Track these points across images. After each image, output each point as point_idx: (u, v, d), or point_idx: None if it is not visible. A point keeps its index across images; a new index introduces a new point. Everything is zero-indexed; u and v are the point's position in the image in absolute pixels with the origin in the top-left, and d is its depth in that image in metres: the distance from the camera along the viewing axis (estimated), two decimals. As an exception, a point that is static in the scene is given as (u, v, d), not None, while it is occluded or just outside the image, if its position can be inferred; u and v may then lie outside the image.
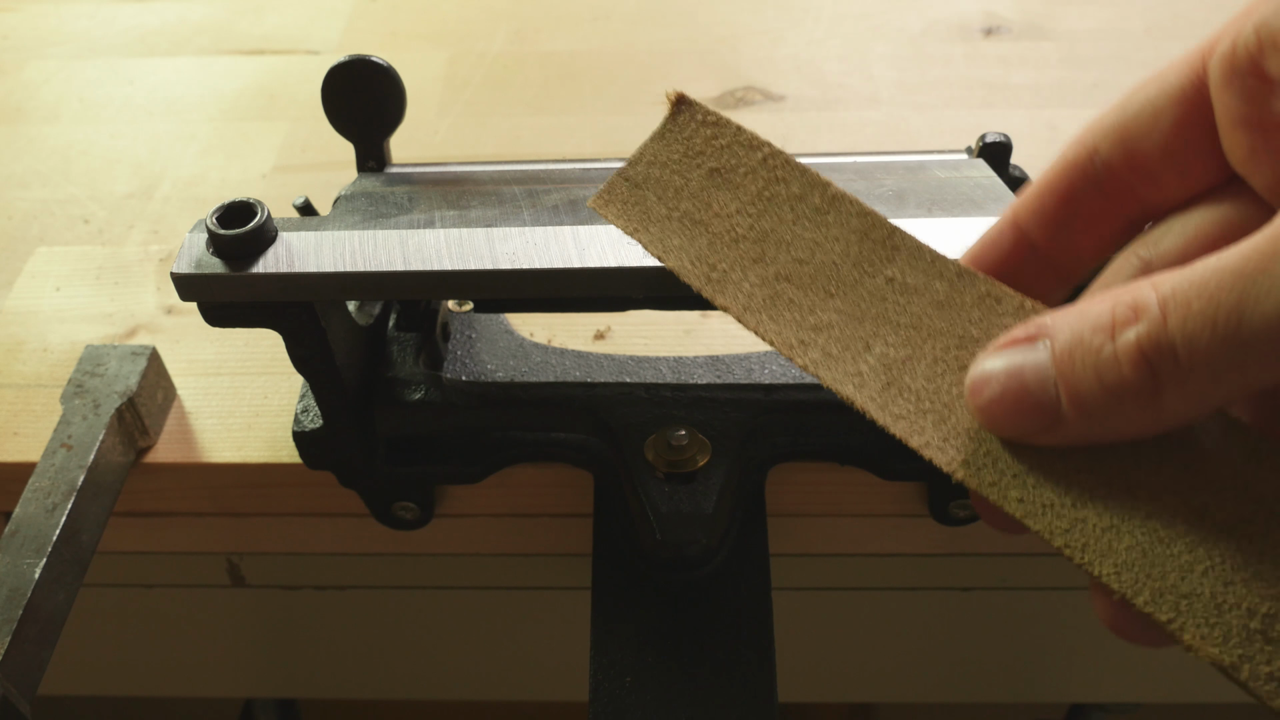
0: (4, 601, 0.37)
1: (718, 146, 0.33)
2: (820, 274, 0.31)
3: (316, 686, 0.66)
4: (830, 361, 0.30)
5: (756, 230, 0.32)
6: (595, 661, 0.41)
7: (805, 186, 0.32)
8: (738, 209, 0.33)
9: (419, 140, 0.64)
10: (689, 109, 0.34)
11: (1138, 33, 0.69)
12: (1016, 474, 0.28)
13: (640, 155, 0.34)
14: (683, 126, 0.34)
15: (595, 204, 0.34)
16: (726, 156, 0.33)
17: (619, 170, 0.34)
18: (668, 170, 0.33)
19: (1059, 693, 0.65)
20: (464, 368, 0.46)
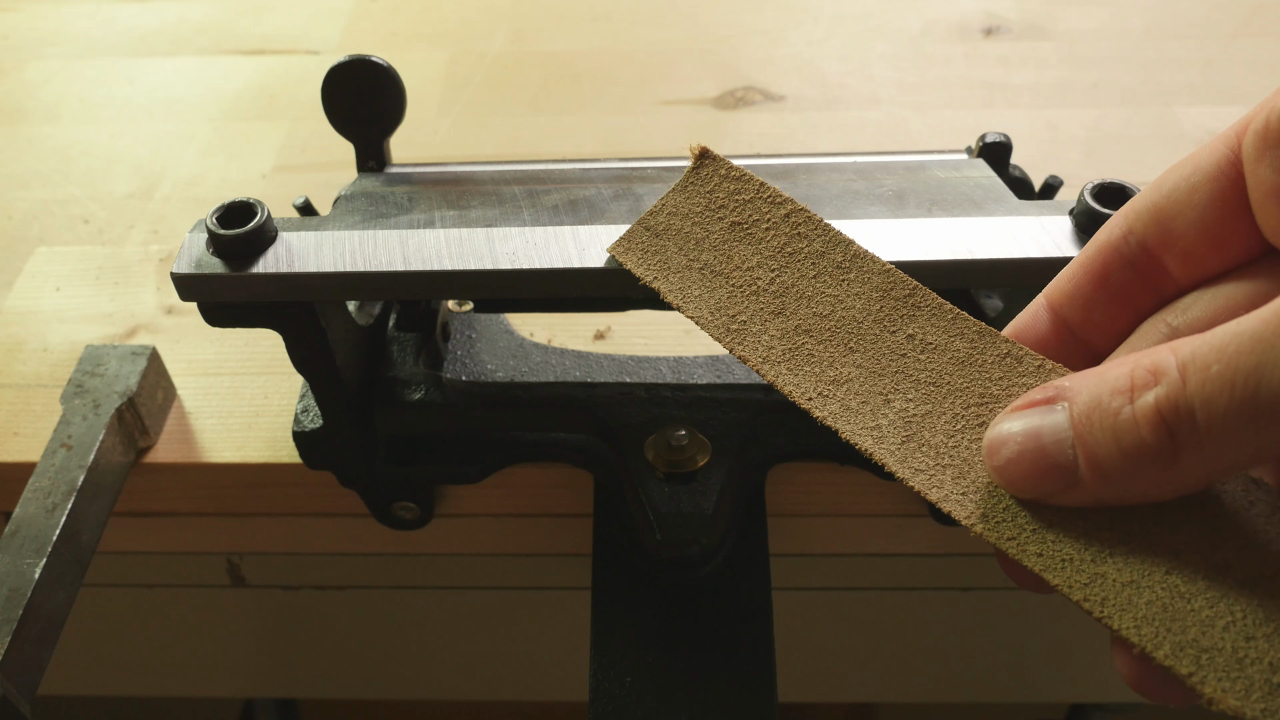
0: (4, 601, 0.37)
1: (740, 201, 0.34)
2: (840, 329, 0.32)
3: (316, 686, 0.66)
4: (849, 414, 0.30)
5: (777, 284, 0.33)
6: (595, 661, 0.41)
7: (827, 244, 0.33)
8: (759, 262, 0.33)
9: (419, 140, 0.64)
10: (712, 163, 0.35)
11: (1138, 33, 0.69)
12: (1035, 529, 0.28)
13: (662, 206, 0.35)
14: (705, 179, 0.35)
15: (615, 250, 0.34)
16: (749, 211, 0.34)
17: (640, 219, 0.35)
18: (689, 221, 0.34)
19: (1059, 693, 0.65)
20: (464, 368, 0.46)
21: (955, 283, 0.36)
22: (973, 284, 0.41)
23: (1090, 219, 0.35)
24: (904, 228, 0.36)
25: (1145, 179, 0.62)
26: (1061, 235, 0.35)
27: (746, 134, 0.63)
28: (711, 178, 0.35)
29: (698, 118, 0.65)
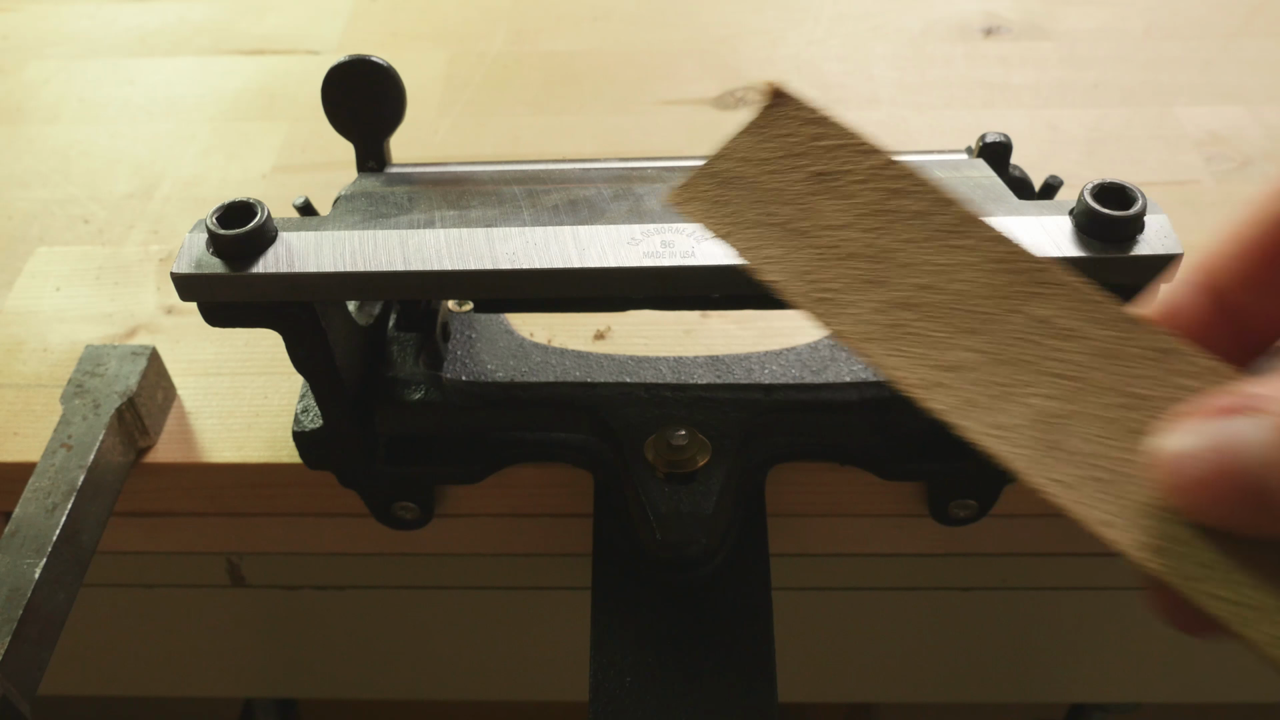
0: (4, 601, 0.37)
1: (822, 148, 0.30)
2: (953, 305, 0.27)
3: (316, 686, 0.66)
4: (971, 409, 0.26)
5: (872, 248, 0.28)
6: (595, 661, 0.41)
7: (932, 203, 0.29)
8: (848, 221, 0.29)
9: (419, 140, 0.64)
10: (786, 103, 0.30)
11: (1138, 33, 0.69)
12: (1218, 567, 0.24)
13: (728, 150, 0.31)
14: (778, 122, 0.30)
15: (674, 200, 0.30)
16: (834, 160, 0.30)
17: (702, 165, 0.31)
18: (762, 170, 0.30)
19: (1059, 693, 0.65)
20: (464, 368, 0.46)
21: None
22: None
23: (1090, 219, 0.35)
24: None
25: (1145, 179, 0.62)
26: (1061, 235, 0.35)
27: (746, 134, 0.63)
28: (786, 120, 0.30)
29: (698, 118, 0.65)
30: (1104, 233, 0.34)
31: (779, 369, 0.45)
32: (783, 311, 0.51)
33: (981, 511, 0.47)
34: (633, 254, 0.35)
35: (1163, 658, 0.61)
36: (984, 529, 0.48)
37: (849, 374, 0.45)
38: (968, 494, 0.46)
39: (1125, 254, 0.34)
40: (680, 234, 0.36)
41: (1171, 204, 0.57)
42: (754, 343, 0.50)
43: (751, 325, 0.51)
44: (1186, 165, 0.60)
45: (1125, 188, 0.35)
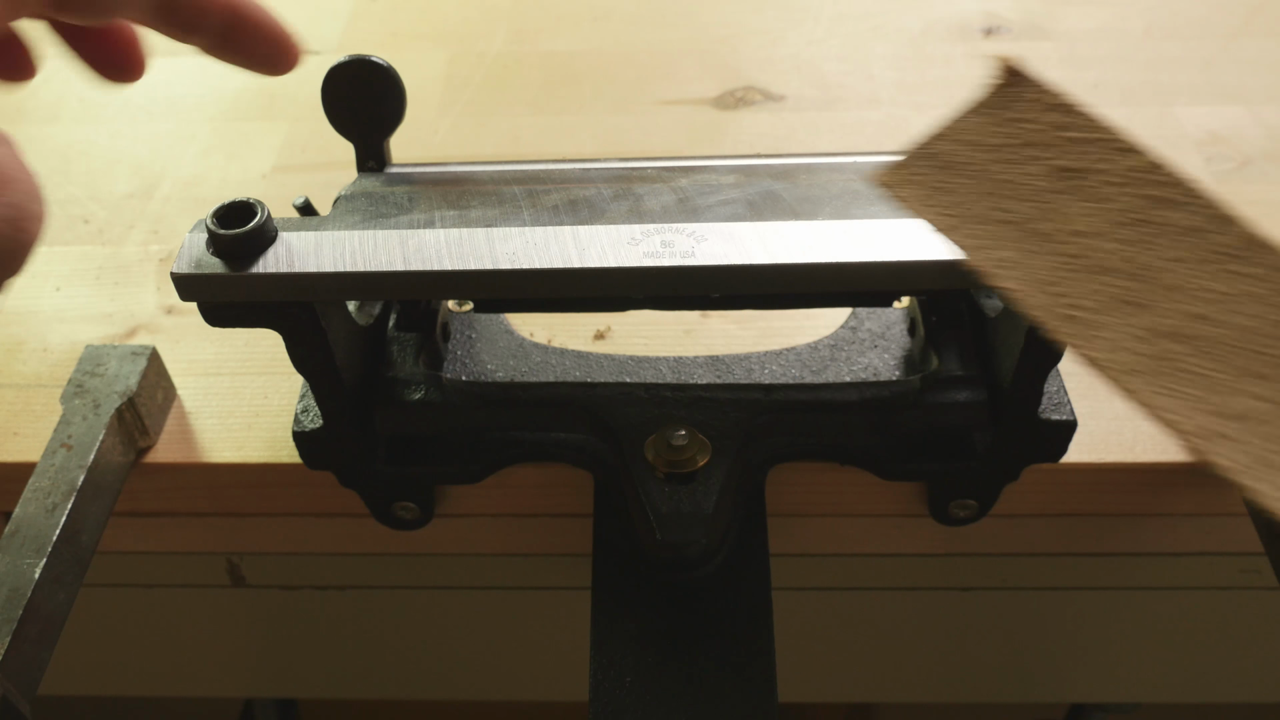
0: (4, 601, 0.37)
1: (1067, 140, 0.27)
2: (1235, 342, 0.24)
3: (316, 686, 0.66)
4: (1264, 470, 0.22)
5: (1131, 264, 0.25)
6: (595, 661, 0.41)
7: (1208, 219, 0.25)
8: (1100, 229, 0.25)
9: (419, 140, 0.64)
10: (1023, 84, 0.27)
11: (1138, 33, 0.69)
12: None
13: (950, 130, 0.27)
14: (1014, 104, 0.27)
15: (887, 180, 0.27)
16: (1083, 155, 0.26)
17: (920, 146, 0.27)
18: (994, 157, 0.26)
19: (1059, 693, 0.65)
20: (464, 368, 0.46)
21: (955, 284, 0.36)
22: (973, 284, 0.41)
23: (1090, 219, 0.35)
24: (904, 228, 0.36)
25: (1145, 179, 0.62)
26: (1061, 235, 0.35)
27: (746, 134, 0.63)
28: (1023, 104, 0.27)
29: (698, 118, 0.65)
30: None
31: (779, 369, 0.45)
32: (783, 311, 0.52)
33: (981, 511, 0.47)
34: (633, 254, 0.35)
35: (1163, 658, 0.61)
36: (984, 529, 0.48)
37: (849, 374, 0.45)
38: (968, 494, 0.46)
39: (1125, 254, 0.34)
40: (680, 234, 0.36)
41: (1171, 204, 0.57)
42: (754, 343, 0.50)
43: (751, 325, 0.51)
44: (1186, 165, 0.60)
45: (1125, 188, 0.35)
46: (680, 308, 0.49)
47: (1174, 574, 0.53)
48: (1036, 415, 0.42)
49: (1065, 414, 0.42)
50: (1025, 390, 0.40)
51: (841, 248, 0.35)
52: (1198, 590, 0.54)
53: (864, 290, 0.42)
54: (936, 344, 0.44)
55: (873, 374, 0.45)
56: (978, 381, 0.43)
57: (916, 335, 0.46)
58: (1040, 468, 0.45)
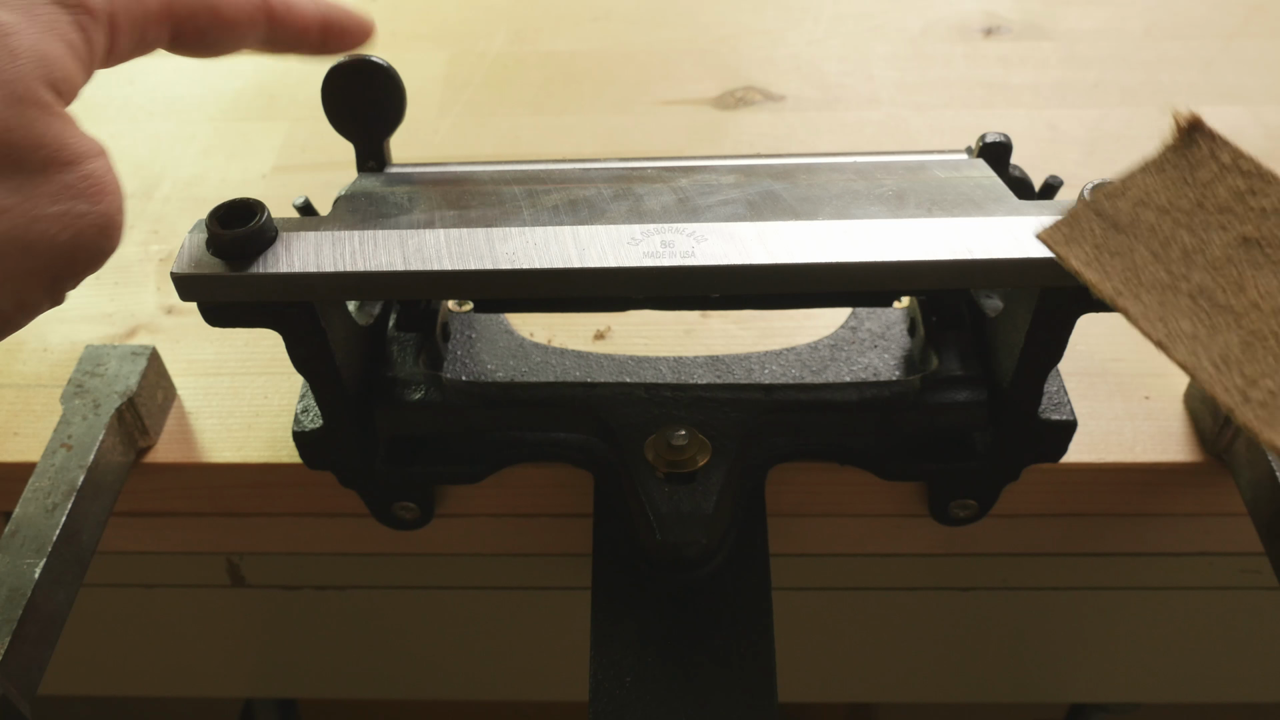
0: (4, 601, 0.37)
1: (1256, 208, 0.25)
2: None
3: (316, 686, 0.66)
4: None
5: None
6: (595, 661, 0.41)
7: None
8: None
9: (419, 140, 0.64)
10: (1208, 141, 0.26)
11: (1138, 33, 0.69)
12: None
13: (1125, 187, 0.26)
14: (1196, 163, 0.25)
15: (1050, 238, 0.26)
16: (1273, 226, 0.24)
17: (1087, 201, 0.26)
18: (1169, 219, 0.25)
19: (1059, 693, 0.65)
20: (464, 368, 0.46)
21: (955, 283, 0.36)
22: (973, 284, 0.41)
23: (1090, 219, 0.35)
24: (904, 228, 0.36)
25: (1145, 179, 0.62)
26: (1061, 235, 0.35)
27: (746, 134, 0.63)
28: (1206, 163, 0.25)
29: (698, 118, 0.65)
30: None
31: (779, 369, 0.45)
32: (783, 311, 0.52)
33: (981, 511, 0.47)
34: (633, 254, 0.35)
35: (1163, 658, 0.61)
36: (984, 529, 0.48)
37: (849, 374, 0.45)
38: (968, 494, 0.46)
39: (1125, 254, 0.34)
40: (680, 234, 0.36)
41: (1171, 204, 0.57)
42: (754, 343, 0.50)
43: (751, 325, 0.51)
44: (1186, 165, 0.60)
45: (1125, 188, 0.35)
46: (680, 308, 0.49)
47: (1174, 574, 0.53)
48: (1036, 415, 0.42)
49: (1065, 414, 0.42)
50: (1025, 390, 0.40)
51: (841, 248, 0.35)
52: (1198, 590, 0.54)
53: (864, 290, 0.42)
54: (936, 344, 0.44)
55: (873, 374, 0.45)
56: (978, 381, 0.43)
57: (916, 335, 0.46)
58: (1040, 468, 0.45)
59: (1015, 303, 0.40)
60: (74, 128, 0.31)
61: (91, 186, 0.30)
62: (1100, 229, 0.25)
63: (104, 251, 0.31)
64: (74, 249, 0.30)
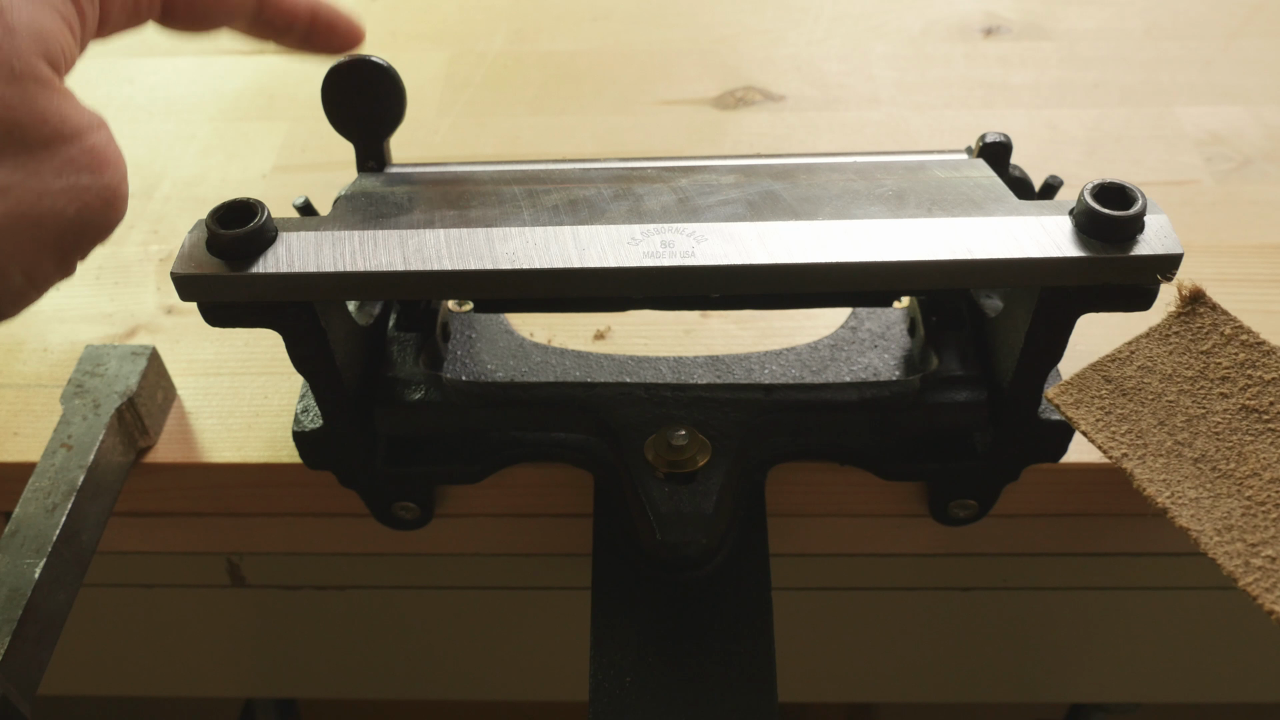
0: (4, 601, 0.37)
1: (1256, 379, 0.25)
2: None
3: (316, 686, 0.66)
4: None
5: None
6: (595, 661, 0.41)
7: None
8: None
9: (419, 140, 0.64)
10: (1210, 313, 0.27)
11: (1138, 33, 0.69)
12: None
13: (1130, 354, 0.27)
14: (1197, 333, 0.26)
15: (1058, 398, 0.27)
16: (1271, 397, 0.25)
17: (1095, 365, 0.27)
18: (1173, 386, 0.26)
19: (1059, 693, 0.65)
20: (464, 368, 0.46)
21: (955, 283, 0.36)
22: (973, 284, 0.41)
23: (1090, 219, 0.35)
24: (904, 228, 0.36)
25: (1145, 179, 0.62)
26: (1061, 235, 0.35)
27: (746, 134, 0.63)
28: (1208, 334, 0.26)
29: (698, 118, 0.65)
30: (1104, 233, 0.34)
31: (779, 369, 0.45)
32: (783, 311, 0.52)
33: (981, 511, 0.47)
34: (633, 254, 0.35)
35: (1163, 658, 0.61)
36: (984, 529, 0.48)
37: (849, 374, 0.45)
38: (968, 494, 0.46)
39: (1125, 254, 0.34)
40: (680, 234, 0.36)
41: (1171, 204, 0.57)
42: (754, 343, 0.50)
43: (751, 325, 0.51)
44: (1186, 165, 0.60)
45: (1125, 188, 0.35)
46: (680, 308, 0.49)
47: (1174, 574, 0.53)
48: (1036, 415, 0.42)
49: (1065, 414, 0.42)
50: (1025, 390, 0.40)
51: (841, 248, 0.35)
52: (1198, 590, 0.54)
53: (864, 290, 0.42)
54: (936, 344, 0.44)
55: (873, 374, 0.45)
56: (978, 381, 0.43)
57: (916, 335, 0.46)
58: (1040, 468, 0.45)
59: (1015, 303, 0.40)
60: (73, 101, 0.31)
61: (95, 159, 0.30)
62: (1107, 393, 0.27)
63: (110, 222, 0.31)
64: (81, 222, 0.30)
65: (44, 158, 0.29)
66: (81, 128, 0.30)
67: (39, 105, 0.29)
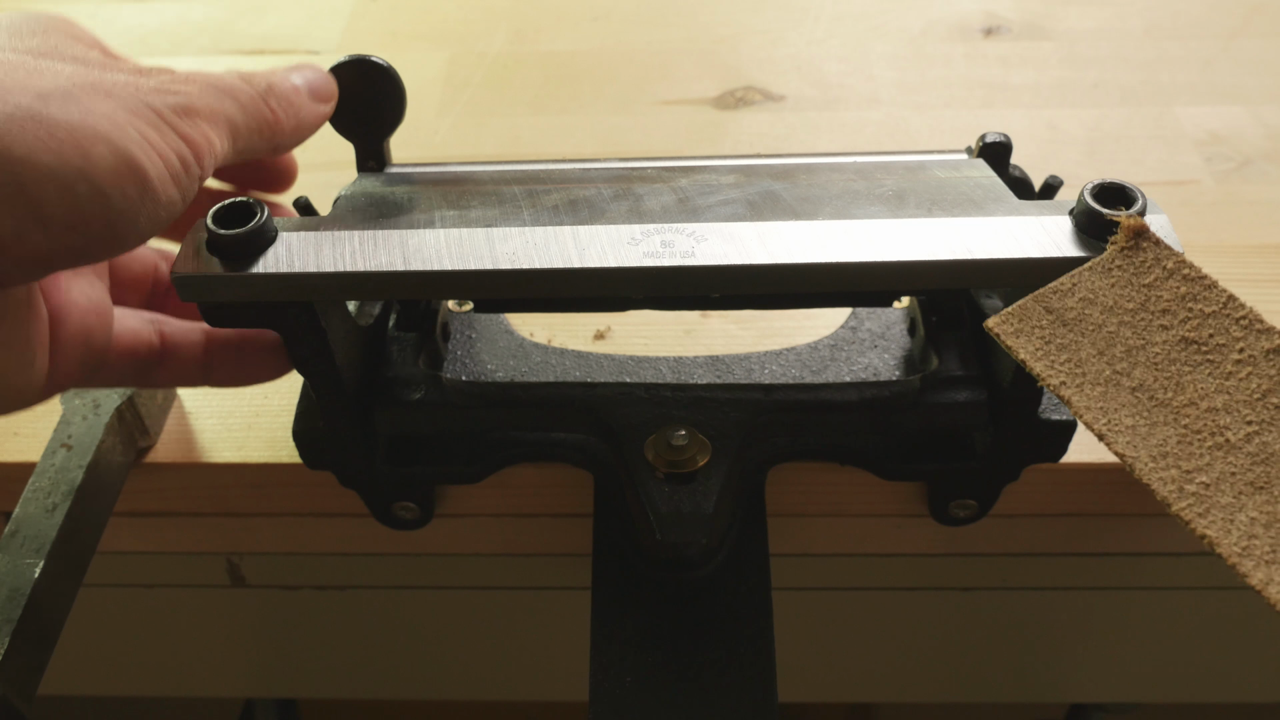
0: (4, 601, 0.37)
1: (1196, 312, 0.26)
2: None
3: (316, 686, 0.66)
4: None
5: (1257, 444, 0.24)
6: (595, 661, 0.41)
7: None
8: (1227, 405, 0.25)
9: (419, 140, 0.64)
10: (1153, 249, 0.27)
11: (1138, 33, 0.69)
12: None
13: (1071, 285, 0.28)
14: (1141, 268, 0.27)
15: (998, 327, 0.27)
16: (1211, 329, 0.26)
17: (1036, 294, 0.28)
18: (1113, 318, 0.27)
19: (1059, 693, 0.65)
20: (464, 368, 0.46)
21: (955, 283, 0.36)
22: (973, 284, 0.41)
23: (1090, 219, 0.35)
24: (904, 228, 0.36)
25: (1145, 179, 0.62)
26: (1062, 235, 0.35)
27: (746, 134, 0.63)
28: (1150, 268, 0.27)
29: (698, 118, 0.65)
30: (1104, 233, 0.34)
31: (779, 369, 0.45)
32: (783, 311, 0.52)
33: (981, 511, 0.47)
34: (633, 254, 0.35)
35: (1163, 658, 0.61)
36: (984, 529, 0.48)
37: (849, 374, 0.45)
38: (968, 494, 0.46)
39: (1125, 254, 0.34)
40: (680, 234, 0.36)
41: (1171, 204, 0.57)
42: (754, 343, 0.50)
43: (751, 325, 0.51)
44: (1186, 165, 0.60)
45: (1125, 188, 0.35)
46: (680, 308, 0.49)
47: (1174, 574, 0.53)
48: (1036, 415, 0.42)
49: (1065, 414, 0.42)
50: (1025, 390, 0.40)
51: (841, 248, 0.35)
52: (1198, 590, 0.54)
53: (864, 290, 0.42)
54: (936, 344, 0.44)
55: (873, 374, 0.45)
56: (978, 381, 0.43)
57: (916, 335, 0.46)
58: (1040, 468, 0.45)
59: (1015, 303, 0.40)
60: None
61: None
62: (1048, 323, 0.27)
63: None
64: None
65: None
66: None
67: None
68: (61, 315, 0.34)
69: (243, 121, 0.34)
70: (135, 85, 0.31)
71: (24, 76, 0.28)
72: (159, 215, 0.31)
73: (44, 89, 0.28)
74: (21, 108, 0.28)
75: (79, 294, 0.35)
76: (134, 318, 0.38)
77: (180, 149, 0.31)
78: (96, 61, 0.31)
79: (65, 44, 0.32)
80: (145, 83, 0.31)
